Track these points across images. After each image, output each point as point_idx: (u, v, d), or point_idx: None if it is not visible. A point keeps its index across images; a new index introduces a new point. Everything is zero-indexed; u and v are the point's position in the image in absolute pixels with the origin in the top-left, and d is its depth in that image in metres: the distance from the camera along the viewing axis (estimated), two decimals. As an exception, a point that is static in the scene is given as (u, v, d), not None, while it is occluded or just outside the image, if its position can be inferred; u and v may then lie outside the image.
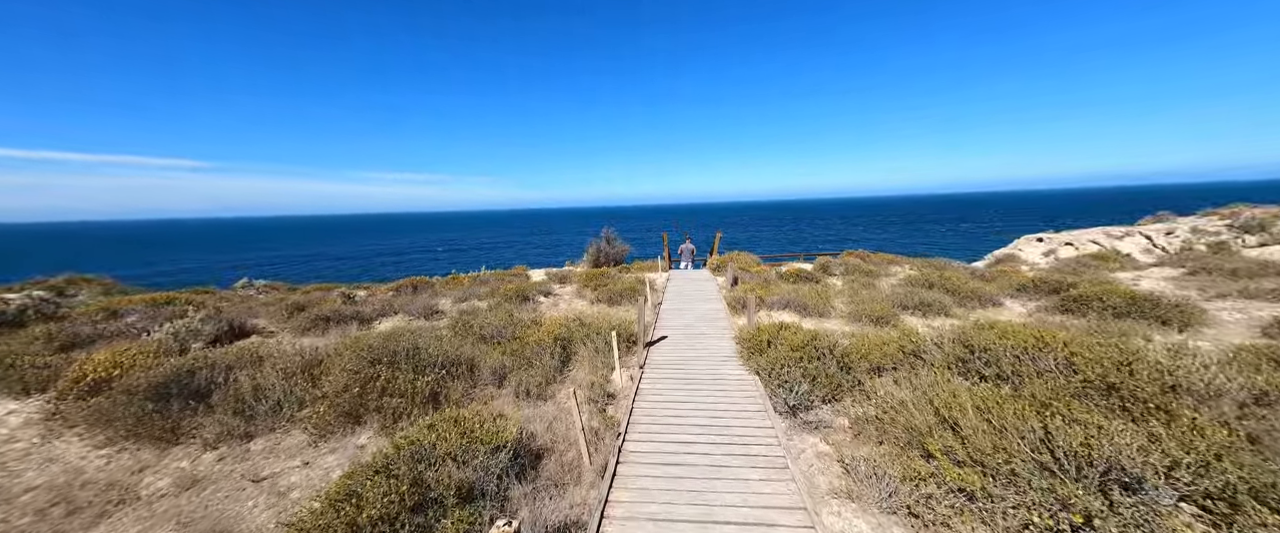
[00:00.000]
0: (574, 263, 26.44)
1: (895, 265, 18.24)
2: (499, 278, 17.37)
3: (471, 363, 7.76)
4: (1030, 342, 5.72)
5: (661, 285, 16.49)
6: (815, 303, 11.80)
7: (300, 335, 11.17)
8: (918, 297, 11.35)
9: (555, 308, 13.97)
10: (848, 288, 14.31)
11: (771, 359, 7.08)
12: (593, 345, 8.95)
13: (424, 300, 13.55)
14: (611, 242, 24.70)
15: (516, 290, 13.85)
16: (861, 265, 16.96)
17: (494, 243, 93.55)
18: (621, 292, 14.36)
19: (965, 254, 55.45)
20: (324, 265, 62.63)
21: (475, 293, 14.28)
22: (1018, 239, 30.81)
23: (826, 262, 17.78)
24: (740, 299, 12.44)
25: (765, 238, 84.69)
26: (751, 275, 15.90)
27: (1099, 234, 28.38)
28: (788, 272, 16.03)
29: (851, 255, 19.31)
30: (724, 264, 18.35)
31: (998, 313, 11.25)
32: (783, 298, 12.14)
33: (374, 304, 12.92)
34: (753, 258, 21.54)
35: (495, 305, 13.16)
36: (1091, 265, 15.37)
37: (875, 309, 10.62)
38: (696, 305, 12.82)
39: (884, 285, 14.89)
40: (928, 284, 12.97)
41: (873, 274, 16.27)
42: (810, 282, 15.58)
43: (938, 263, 17.75)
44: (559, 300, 14.91)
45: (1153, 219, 32.13)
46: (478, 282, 15.76)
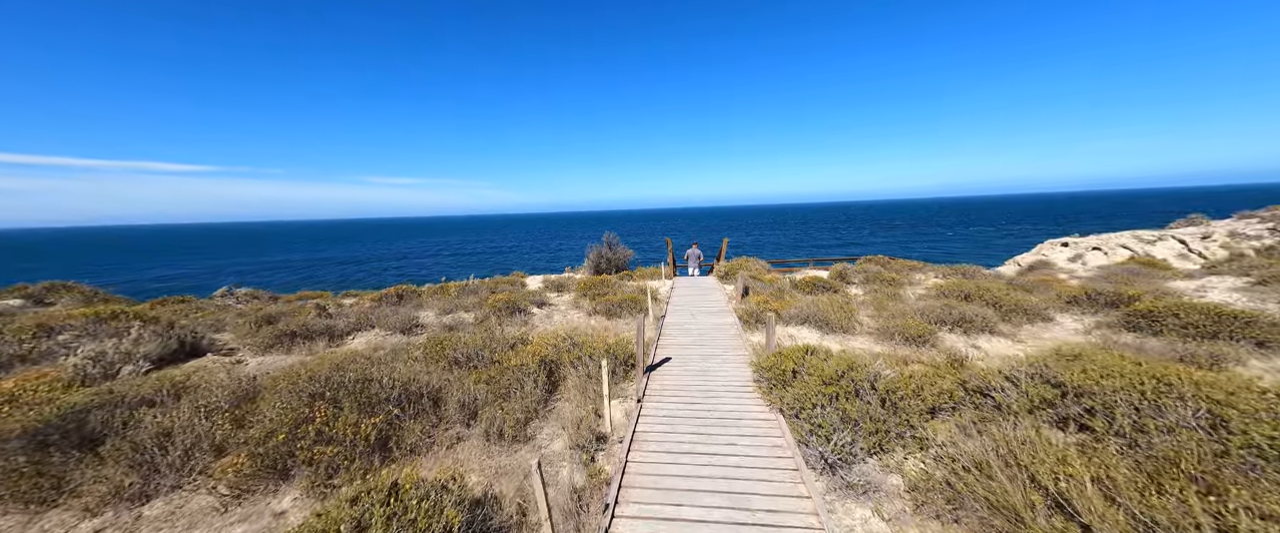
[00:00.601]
0: (575, 269, 25.18)
1: (918, 272, 16.78)
2: (491, 286, 16.10)
3: (438, 395, 6.44)
4: (1147, 382, 4.32)
5: (665, 295, 15.14)
6: (838, 317, 10.39)
7: (263, 353, 9.93)
8: (956, 311, 9.91)
9: (548, 321, 12.65)
10: (871, 299, 12.89)
11: (799, 395, 5.70)
12: (584, 370, 7.62)
13: (406, 312, 12.28)
14: (613, 247, 23.41)
15: (506, 301, 12.55)
16: (882, 273, 15.52)
17: (499, 247, 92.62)
18: (622, 302, 13.02)
19: (981, 259, 53.51)
20: (325, 271, 61.84)
21: (461, 304, 12.99)
22: (1041, 244, 29.17)
23: (843, 269, 16.36)
24: (753, 313, 11.07)
25: (770, 242, 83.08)
26: (763, 285, 14.52)
27: (1129, 238, 26.72)
28: (803, 280, 14.64)
29: (870, 261, 17.86)
30: (733, 272, 16.97)
31: (1048, 330, 9.79)
32: (801, 311, 10.74)
33: (350, 317, 11.67)
34: (762, 265, 20.15)
35: (481, 319, 11.86)
36: (1142, 273, 13.85)
37: (908, 326, 9.19)
38: (703, 319, 11.45)
39: (910, 296, 13.45)
40: (963, 295, 11.52)
41: (895, 283, 14.84)
42: (828, 291, 14.16)
43: (965, 270, 16.27)
44: (553, 312, 13.59)
45: (1184, 222, 30.34)
46: (466, 291, 14.48)
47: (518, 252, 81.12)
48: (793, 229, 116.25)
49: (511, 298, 12.76)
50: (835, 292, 14.15)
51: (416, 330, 11.18)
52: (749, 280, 14.66)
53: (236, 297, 16.75)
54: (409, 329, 11.09)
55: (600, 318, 12.67)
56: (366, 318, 11.52)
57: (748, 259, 20.66)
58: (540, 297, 14.64)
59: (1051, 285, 13.30)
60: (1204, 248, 24.73)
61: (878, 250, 68.60)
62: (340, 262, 72.09)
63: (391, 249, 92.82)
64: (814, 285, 14.39)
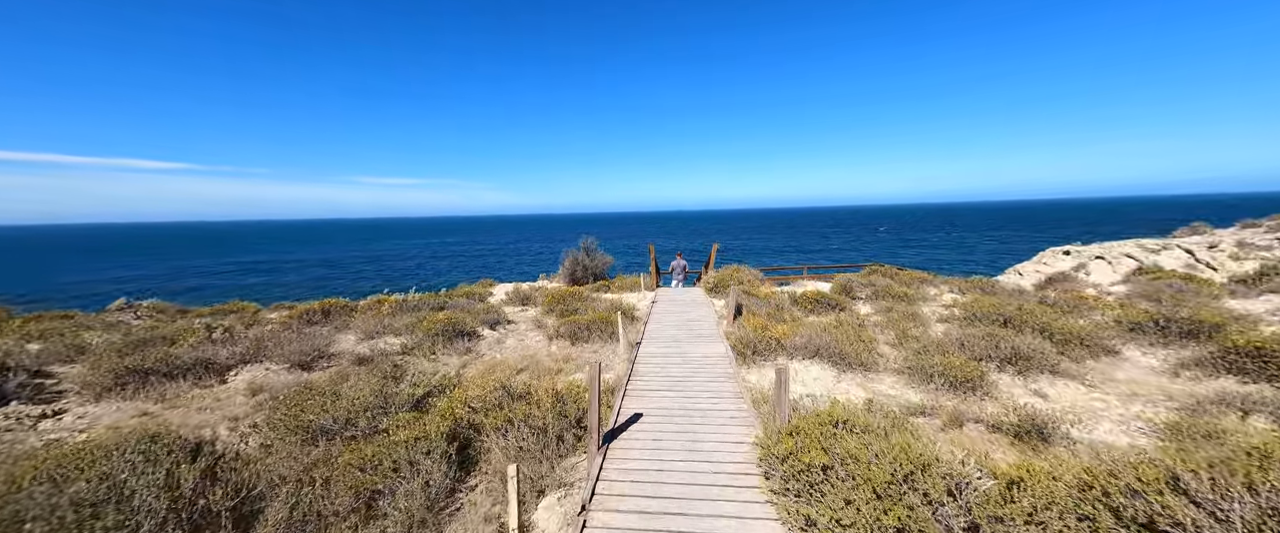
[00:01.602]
0: (550, 277, 22.79)
1: (929, 285, 14.78)
2: (439, 301, 13.63)
3: (239, 511, 4.04)
4: None
5: (645, 311, 12.86)
6: (853, 348, 8.23)
7: (99, 398, 7.39)
8: (1004, 342, 7.79)
9: (499, 347, 10.27)
10: (886, 320, 10.78)
11: (837, 509, 3.46)
12: (517, 437, 5.30)
13: (321, 336, 9.80)
14: (591, 253, 21.08)
15: (447, 323, 10.13)
16: (892, 286, 13.46)
17: (483, 249, 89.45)
18: (591, 324, 10.70)
19: (965, 265, 52.50)
20: (291, 273, 58.24)
21: (392, 327, 10.52)
22: (1042, 252, 27.57)
23: (848, 282, 14.27)
24: (749, 341, 8.84)
25: (759, 247, 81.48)
26: (759, 302, 12.32)
27: (1132, 247, 25.18)
28: (804, 296, 12.49)
29: (876, 271, 15.81)
30: (723, 284, 14.75)
31: (1118, 367, 7.74)
32: (807, 340, 8.55)
33: (242, 343, 9.14)
34: (754, 273, 18.00)
35: (411, 347, 9.42)
36: (1187, 289, 12.02)
37: (950, 365, 7.05)
38: (688, 347, 9.20)
39: (928, 315, 11.39)
40: (1000, 318, 9.45)
41: (908, 299, 12.78)
42: (834, 309, 12.04)
43: (982, 283, 14.32)
44: (509, 334, 11.21)
45: (1188, 230, 28.98)
46: (403, 307, 11.99)
47: (500, 254, 78.13)
48: (780, 233, 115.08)
49: (453, 319, 10.34)
50: (842, 310, 12.03)
51: (322, 363, 8.71)
52: (742, 296, 12.46)
53: (136, 310, 14.02)
54: (312, 362, 8.61)
55: (563, 343, 10.34)
56: (265, 344, 9.01)
57: (738, 268, 18.50)
58: (495, 314, 12.24)
59: (1089, 304, 11.36)
60: (1212, 258, 23.24)
61: (866, 256, 67.38)
62: (312, 264, 68.37)
63: (370, 251, 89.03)
64: (816, 302, 12.25)
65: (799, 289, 15.10)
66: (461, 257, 74.89)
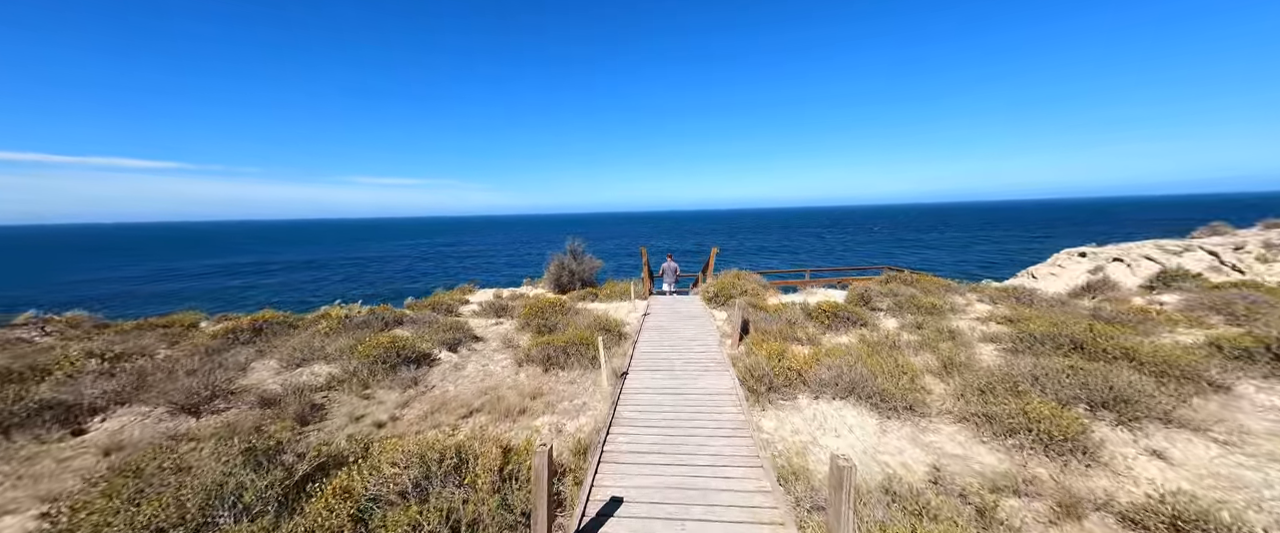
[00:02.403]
0: (535, 281, 20.89)
1: (956, 294, 13.00)
2: (407, 311, 11.68)
3: None
4: None
5: (635, 326, 11.01)
6: (892, 383, 6.43)
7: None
8: (1101, 380, 5.99)
9: (456, 375, 8.37)
10: (921, 339, 8.98)
11: None
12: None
13: (234, 363, 7.87)
14: (578, 257, 19.20)
15: (391, 347, 8.21)
16: (918, 297, 11.67)
17: (474, 250, 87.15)
18: (569, 345, 8.83)
19: (960, 267, 51.04)
20: (272, 276, 55.79)
21: (323, 352, 8.57)
22: (1056, 254, 25.97)
23: (866, 290, 12.47)
24: (762, 373, 6.99)
25: (753, 247, 79.80)
26: (767, 317, 10.48)
27: (1151, 249, 23.59)
28: (818, 307, 10.67)
29: (897, 277, 14.03)
30: (724, 293, 12.91)
31: (1234, 407, 5.99)
32: (836, 373, 6.73)
33: (128, 375, 7.18)
34: (757, 279, 16.21)
35: (341, 378, 7.50)
36: (1260, 300, 10.32)
37: (1038, 413, 5.24)
38: (686, 379, 7.35)
39: (966, 331, 9.61)
40: (1067, 341, 7.67)
41: (937, 311, 10.99)
42: (855, 324, 10.23)
43: (1017, 291, 12.57)
44: (472, 357, 9.31)
45: (1207, 231, 27.45)
46: (347, 325, 10.01)
47: (490, 255, 75.89)
48: (776, 233, 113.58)
49: (399, 342, 8.42)
50: (864, 325, 10.23)
51: (219, 404, 6.76)
52: (748, 308, 10.62)
53: (45, 325, 11.98)
54: (202, 404, 6.66)
55: (535, 370, 8.46)
56: (145, 380, 7.05)
57: (740, 274, 16.69)
58: (460, 331, 10.32)
59: (1152, 318, 9.64)
60: (1238, 260, 21.68)
61: (863, 256, 65.94)
62: (297, 266, 65.89)
63: (358, 252, 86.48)
64: (833, 315, 10.44)
65: (810, 299, 13.29)
66: (450, 258, 72.66)
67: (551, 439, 5.82)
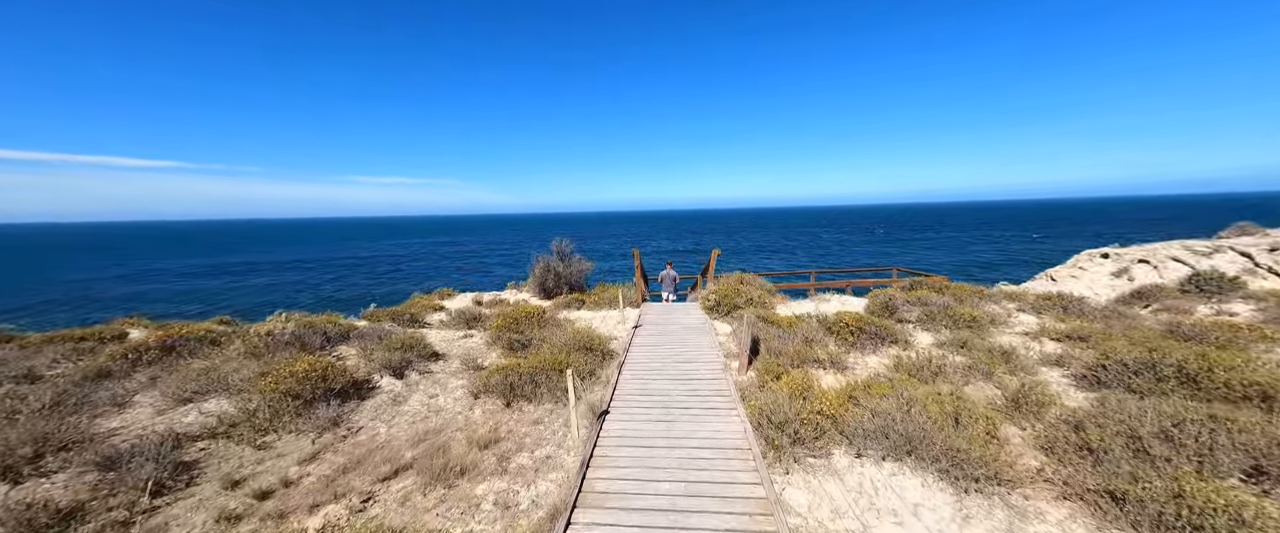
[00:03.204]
0: (519, 286, 19.11)
1: (991, 302, 11.27)
2: (360, 321, 9.85)
3: None
4: None
5: (624, 341, 9.25)
6: (967, 440, 4.69)
7: None
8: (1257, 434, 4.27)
9: (394, 412, 6.58)
10: (969, 363, 7.23)
11: None
12: None
13: (111, 396, 6.08)
14: (566, 258, 17.41)
15: (307, 375, 6.41)
16: (952, 307, 9.92)
17: (466, 250, 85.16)
18: (537, 372, 7.05)
19: (968, 266, 49.31)
20: (259, 275, 53.78)
21: (222, 382, 6.73)
22: (1077, 256, 24.26)
23: (889, 298, 10.70)
24: (780, 415, 5.24)
25: (751, 247, 78.05)
26: (780, 332, 8.70)
27: (1179, 250, 21.87)
28: (840, 321, 8.90)
29: (924, 284, 12.27)
30: (727, 302, 11.13)
31: None
32: (883, 422, 4.98)
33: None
34: (763, 284, 14.46)
35: (244, 417, 5.69)
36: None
37: (1201, 501, 3.51)
38: (683, 424, 5.60)
39: (1020, 350, 7.86)
40: (1176, 372, 5.93)
41: (977, 325, 9.25)
42: (883, 341, 8.48)
43: (1065, 299, 10.83)
44: (420, 385, 7.51)
45: (1235, 231, 25.71)
46: (273, 343, 8.13)
47: (484, 255, 73.92)
48: (774, 232, 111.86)
49: (320, 369, 6.60)
50: (895, 342, 8.48)
51: (49, 462, 4.95)
52: (755, 321, 8.86)
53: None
54: (26, 464, 4.84)
55: (493, 403, 6.69)
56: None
57: (743, 278, 14.94)
58: (411, 350, 8.52)
59: (1245, 335, 7.92)
60: (1274, 261, 19.96)
61: (863, 256, 64.26)
62: (287, 265, 63.88)
63: (353, 251, 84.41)
64: (858, 330, 8.67)
65: (824, 307, 11.54)
66: (444, 259, 70.70)
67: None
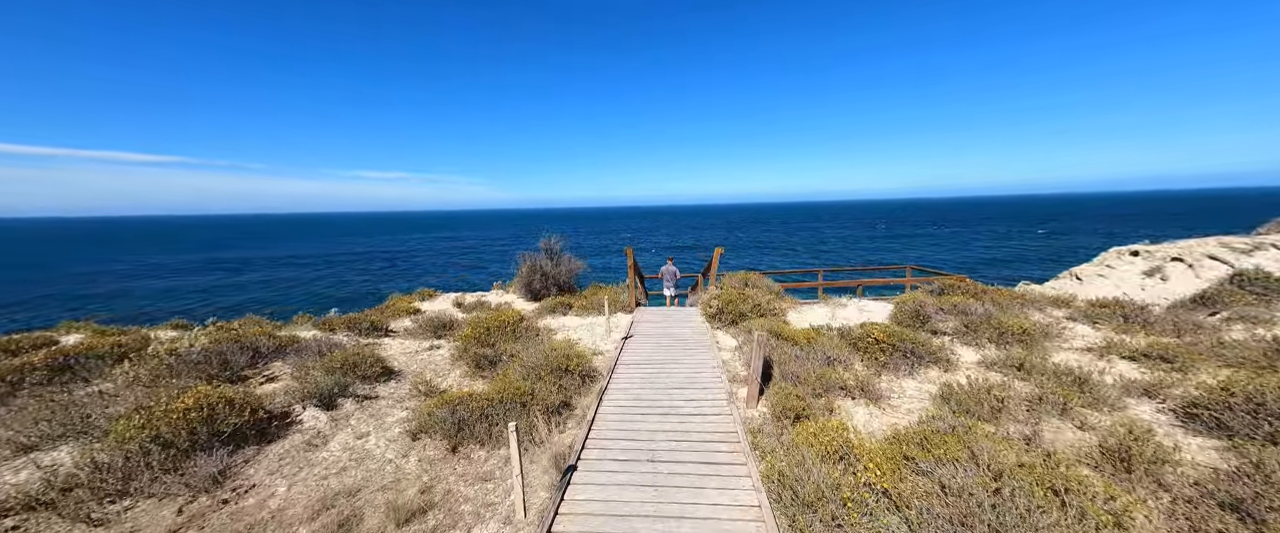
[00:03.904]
0: (506, 285, 17.62)
1: (1034, 309, 9.71)
2: (303, 330, 8.35)
3: None
4: None
5: (611, 356, 7.75)
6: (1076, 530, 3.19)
7: None
8: None
9: (306, 460, 5.07)
10: (1036, 391, 5.71)
11: None
12: None
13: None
14: (555, 257, 15.89)
15: (184, 416, 4.89)
16: (996, 316, 8.39)
17: (463, 246, 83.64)
18: (500, 400, 5.56)
19: (971, 263, 47.60)
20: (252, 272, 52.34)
21: (90, 420, 5.23)
22: (1104, 253, 22.61)
23: (918, 303, 9.16)
24: (810, 485, 3.74)
25: (752, 242, 76.38)
26: (797, 351, 7.16)
27: (1215, 246, 20.19)
28: (865, 335, 7.38)
29: (956, 288, 10.71)
30: (732, 310, 9.59)
31: None
32: (956, 501, 3.49)
33: None
34: (770, 285, 12.94)
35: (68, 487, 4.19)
36: None
37: None
38: (679, 495, 4.09)
39: (1088, 372, 6.33)
40: None
41: (1026, 338, 7.72)
42: (920, 361, 6.96)
43: (1125, 306, 9.28)
44: (348, 422, 6.00)
45: (1275, 226, 24.03)
46: (180, 363, 6.61)
47: (480, 251, 72.34)
48: (775, 228, 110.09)
49: (210, 403, 5.09)
50: (936, 360, 6.96)
51: None
52: (768, 338, 7.35)
53: None
54: None
55: (435, 448, 5.19)
56: None
57: (748, 277, 13.41)
58: (357, 370, 7.03)
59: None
60: (1319, 259, 18.25)
61: (865, 252, 62.52)
62: (281, 261, 62.46)
63: (348, 247, 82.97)
64: (892, 347, 7.15)
65: (841, 312, 9.99)
66: (440, 255, 69.20)
67: None
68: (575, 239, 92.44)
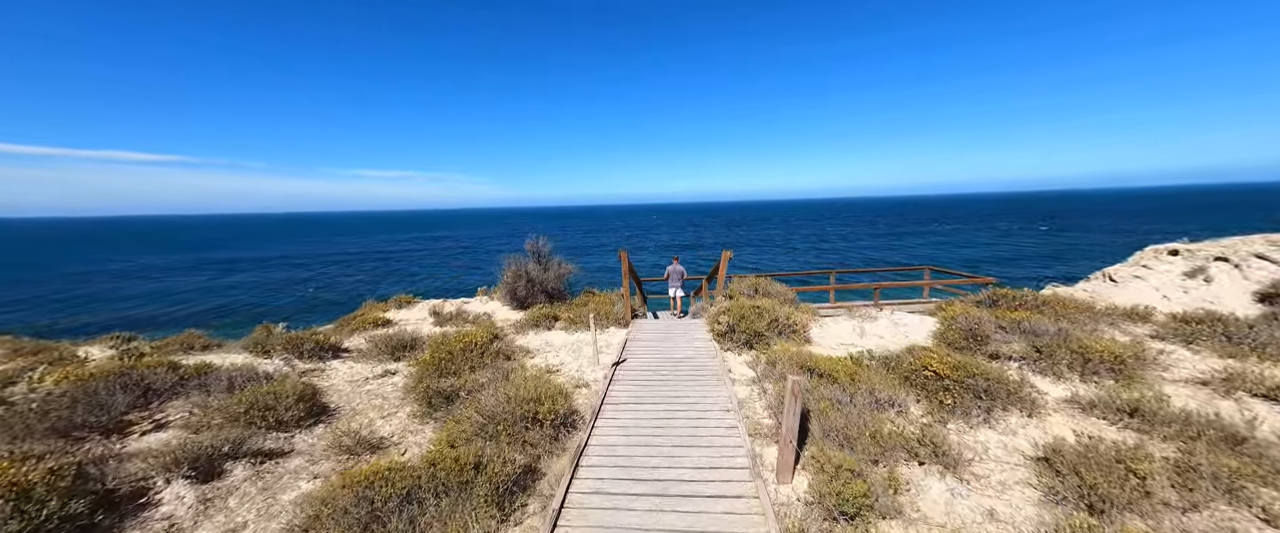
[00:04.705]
0: (490, 291, 15.96)
1: (1107, 323, 8.07)
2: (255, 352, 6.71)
3: None
4: None
5: (598, 390, 6.10)
6: None
7: None
8: None
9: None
10: (1182, 456, 4.07)
11: None
12: None
13: None
14: (544, 261, 14.23)
15: None
16: (1073, 335, 6.74)
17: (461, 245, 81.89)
18: (440, 478, 3.90)
19: (975, 261, 45.83)
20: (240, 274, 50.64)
21: None
22: (1139, 253, 20.91)
23: (972, 320, 7.51)
24: None
25: (753, 241, 74.64)
26: (840, 393, 5.50)
27: (1262, 244, 18.53)
28: (920, 366, 5.74)
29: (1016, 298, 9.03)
30: (746, 327, 7.92)
31: None
32: None
33: None
34: (783, 291, 11.30)
35: None
36: None
37: None
38: None
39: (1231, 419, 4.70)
40: None
41: (1122, 367, 6.07)
42: (995, 402, 5.30)
43: (1224, 321, 7.65)
44: (235, 496, 4.34)
45: (1316, 223, 22.28)
46: (42, 409, 4.99)
47: (476, 251, 70.53)
48: (776, 225, 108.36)
49: (18, 477, 3.43)
50: (1019, 402, 5.31)
51: None
52: (794, 369, 5.70)
53: None
54: None
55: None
56: None
57: (759, 280, 11.77)
58: (270, 411, 5.39)
59: None
60: (1373, 259, 16.53)
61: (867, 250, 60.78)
62: (272, 262, 60.74)
63: (342, 247, 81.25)
64: (959, 383, 5.50)
65: (878, 331, 8.33)
66: (433, 255, 67.47)
67: None
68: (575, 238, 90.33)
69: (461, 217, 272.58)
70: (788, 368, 5.47)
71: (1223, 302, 13.32)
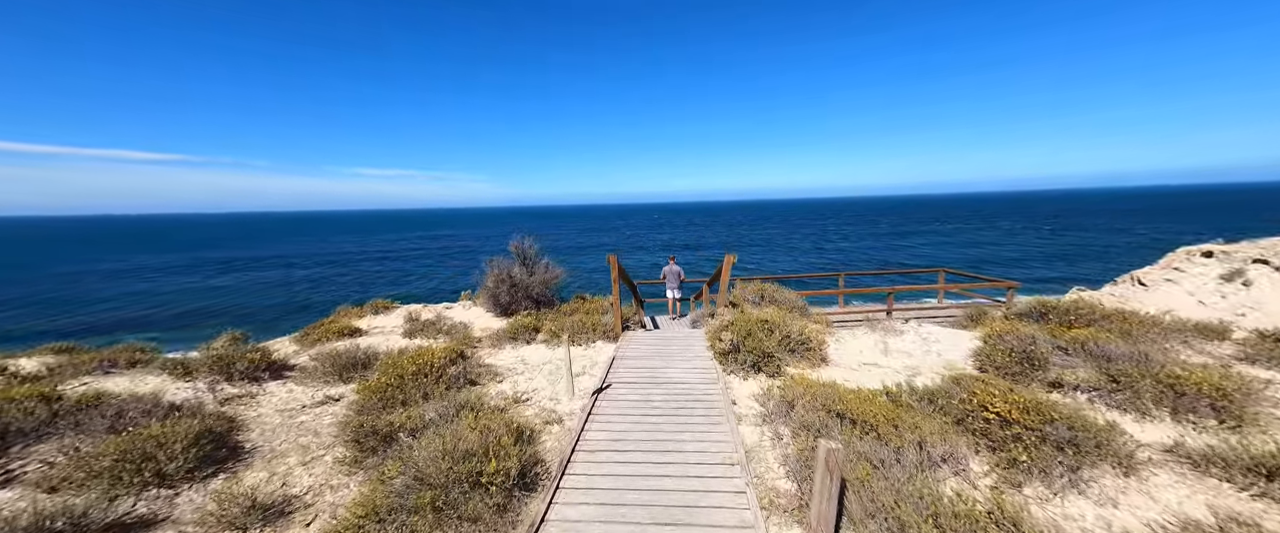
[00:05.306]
0: (474, 295, 14.78)
1: (1169, 336, 6.79)
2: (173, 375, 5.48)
3: None
4: None
5: (572, 428, 4.82)
6: None
7: None
8: None
9: None
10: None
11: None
12: None
13: None
14: (530, 263, 13.02)
15: None
16: (1152, 358, 5.48)
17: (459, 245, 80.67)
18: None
19: (982, 260, 44.38)
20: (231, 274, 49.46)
21: None
22: (1170, 255, 19.53)
23: (1029, 342, 6.25)
24: None
25: (760, 240, 73.21)
26: (881, 449, 4.24)
27: (1300, 245, 17.18)
28: (974, 405, 4.50)
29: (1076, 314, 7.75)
30: (753, 347, 6.65)
31: None
32: None
33: None
34: (790, 298, 10.06)
35: None
36: None
37: None
38: None
39: None
40: None
41: (1228, 402, 4.81)
42: (1082, 452, 4.03)
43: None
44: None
45: (1355, 223, 20.87)
46: None
47: (474, 250, 69.19)
48: (777, 225, 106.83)
49: None
50: (1109, 457, 4.04)
51: None
52: (818, 409, 4.44)
53: None
54: None
55: None
56: None
57: (764, 285, 10.50)
58: (155, 456, 4.15)
59: None
60: None
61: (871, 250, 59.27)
62: (268, 262, 59.56)
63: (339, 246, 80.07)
64: (1036, 432, 4.25)
65: (906, 347, 7.07)
66: (429, 255, 66.26)
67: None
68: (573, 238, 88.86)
69: (463, 216, 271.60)
70: (810, 411, 4.22)
71: (1265, 307, 11.98)
